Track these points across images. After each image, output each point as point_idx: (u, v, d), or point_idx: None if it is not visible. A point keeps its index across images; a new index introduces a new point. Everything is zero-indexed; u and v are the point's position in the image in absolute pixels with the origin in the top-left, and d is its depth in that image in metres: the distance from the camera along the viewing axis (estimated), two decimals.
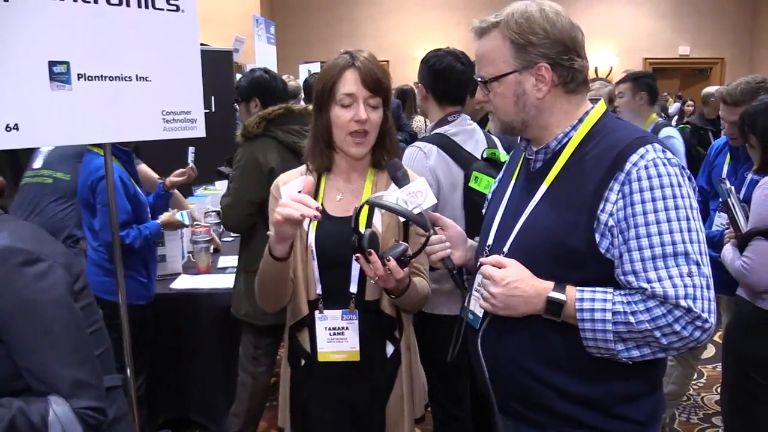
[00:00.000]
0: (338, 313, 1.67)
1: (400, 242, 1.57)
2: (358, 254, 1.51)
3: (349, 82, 1.62)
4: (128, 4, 2.10)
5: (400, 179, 1.58)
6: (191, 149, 3.28)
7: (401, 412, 1.74)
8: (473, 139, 2.33)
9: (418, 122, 5.89)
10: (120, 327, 2.28)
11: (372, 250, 1.49)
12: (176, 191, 3.28)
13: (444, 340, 1.55)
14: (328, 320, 1.67)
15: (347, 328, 1.67)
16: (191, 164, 3.24)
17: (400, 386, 1.74)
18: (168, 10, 2.20)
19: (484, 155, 2.25)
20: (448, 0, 13.85)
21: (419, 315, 2.34)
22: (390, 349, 1.73)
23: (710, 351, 4.10)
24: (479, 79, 1.41)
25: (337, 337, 1.67)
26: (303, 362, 1.73)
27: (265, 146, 2.55)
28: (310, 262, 1.69)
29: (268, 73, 2.90)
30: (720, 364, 3.03)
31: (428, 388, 1.93)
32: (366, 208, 1.65)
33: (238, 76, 5.30)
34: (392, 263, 1.49)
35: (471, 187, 2.19)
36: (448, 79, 2.31)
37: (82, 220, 2.82)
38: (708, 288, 1.23)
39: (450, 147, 2.26)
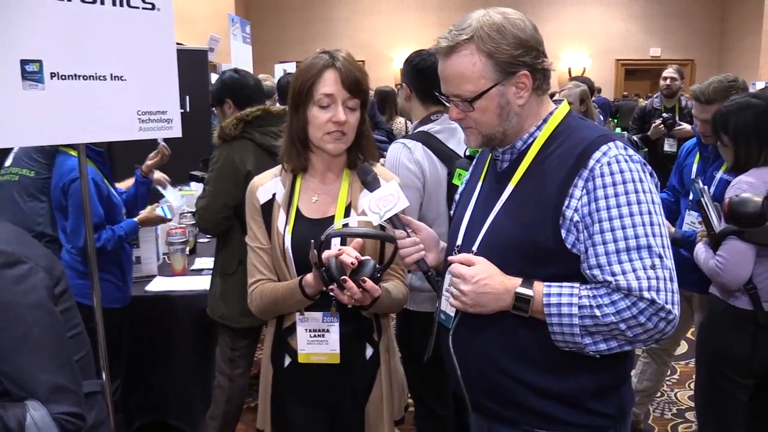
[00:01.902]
0: (319, 315, 1.66)
1: (366, 258, 1.56)
2: (332, 286, 1.51)
3: (329, 83, 1.60)
4: (102, 2, 2.06)
5: (371, 183, 1.57)
6: (160, 139, 3.19)
7: (380, 414, 1.75)
8: (455, 137, 2.35)
9: (398, 124, 5.89)
10: (95, 331, 2.24)
11: (346, 278, 1.49)
12: (156, 173, 3.20)
13: (426, 337, 1.55)
14: (308, 322, 1.67)
15: (328, 331, 1.66)
16: (161, 143, 3.16)
17: (380, 388, 1.75)
18: (143, 8, 2.17)
19: (467, 153, 2.27)
20: (422, 1, 13.91)
21: (402, 312, 2.35)
22: (369, 351, 1.74)
23: (683, 348, 4.18)
24: (457, 99, 1.38)
25: (317, 339, 1.66)
26: (287, 362, 1.73)
27: (242, 148, 2.52)
28: (288, 265, 1.68)
29: (238, 73, 2.86)
30: (692, 360, 3.09)
31: (412, 387, 1.94)
32: (339, 218, 1.66)
33: (214, 75, 5.25)
34: (369, 284, 1.50)
35: (454, 183, 2.20)
36: (432, 77, 2.32)
37: (57, 223, 2.77)
38: (671, 280, 1.26)
39: (434, 144, 2.28)
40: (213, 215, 2.56)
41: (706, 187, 2.34)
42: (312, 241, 1.50)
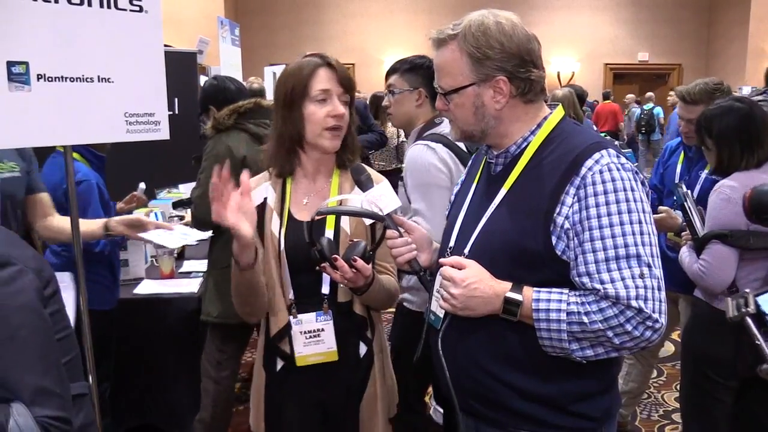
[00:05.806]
0: (312, 315, 1.67)
1: (358, 240, 1.59)
2: (324, 264, 1.53)
3: (324, 80, 1.66)
4: (90, 4, 2.05)
5: (364, 183, 1.59)
6: (141, 186, 3.18)
7: (375, 412, 1.76)
8: None
9: (391, 128, 5.92)
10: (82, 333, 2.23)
11: (336, 256, 1.52)
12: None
13: (418, 338, 1.56)
14: (303, 324, 1.67)
15: (323, 330, 1.67)
16: (140, 192, 3.15)
17: (374, 385, 1.76)
18: (131, 10, 2.16)
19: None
20: (412, 4, 13.96)
21: (405, 312, 2.36)
22: (363, 349, 1.75)
23: (669, 349, 4.21)
24: (439, 90, 1.43)
25: (313, 340, 1.67)
26: (279, 367, 1.73)
27: (237, 138, 2.58)
28: (282, 267, 1.68)
29: (217, 79, 2.97)
30: (679, 362, 3.11)
31: (398, 388, 1.95)
32: (331, 219, 1.68)
33: (203, 78, 5.24)
34: (359, 263, 1.53)
35: None
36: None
37: None
38: (659, 289, 1.27)
39: (452, 145, 2.28)
40: (209, 203, 2.57)
41: (689, 192, 2.36)
42: (305, 221, 1.54)
